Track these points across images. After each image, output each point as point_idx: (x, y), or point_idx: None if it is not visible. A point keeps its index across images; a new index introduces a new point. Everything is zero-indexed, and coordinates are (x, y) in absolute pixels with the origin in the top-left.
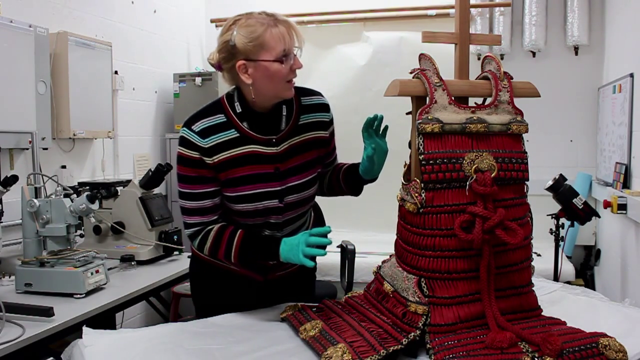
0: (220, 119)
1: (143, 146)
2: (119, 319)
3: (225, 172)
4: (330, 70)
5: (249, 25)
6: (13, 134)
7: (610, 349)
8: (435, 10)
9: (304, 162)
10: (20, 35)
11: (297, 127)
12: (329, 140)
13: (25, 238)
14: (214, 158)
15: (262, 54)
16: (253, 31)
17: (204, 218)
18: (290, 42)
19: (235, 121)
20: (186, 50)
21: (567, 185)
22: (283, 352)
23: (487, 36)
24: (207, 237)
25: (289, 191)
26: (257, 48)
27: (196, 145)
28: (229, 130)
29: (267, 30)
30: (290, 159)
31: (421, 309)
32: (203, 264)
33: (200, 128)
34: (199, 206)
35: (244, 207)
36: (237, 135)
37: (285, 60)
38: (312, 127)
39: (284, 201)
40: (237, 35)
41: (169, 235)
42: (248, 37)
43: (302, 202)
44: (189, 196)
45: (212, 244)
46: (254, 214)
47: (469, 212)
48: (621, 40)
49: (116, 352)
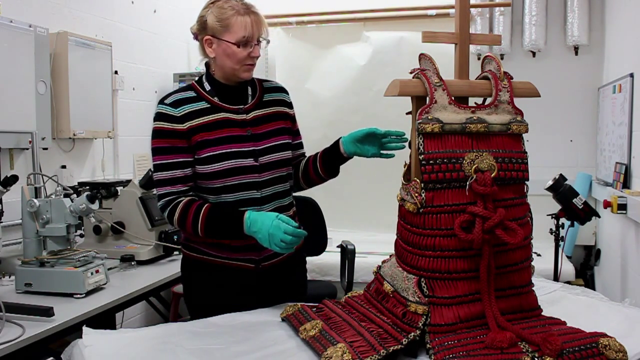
0: (190, 94)
1: (143, 146)
2: (119, 319)
3: (199, 135)
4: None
5: (222, 7)
6: (13, 134)
7: (610, 349)
8: (435, 10)
9: (274, 129)
10: (20, 35)
11: (262, 102)
12: (293, 119)
13: (25, 238)
14: (186, 124)
15: (225, 35)
16: (223, 13)
17: (173, 188)
18: (253, 31)
19: (204, 95)
20: (186, 50)
21: (567, 185)
22: (283, 352)
23: (487, 36)
24: (175, 209)
25: (264, 152)
26: (222, 29)
27: (169, 115)
28: (199, 102)
29: (234, 15)
30: (260, 125)
31: (421, 309)
32: (193, 262)
33: (172, 100)
34: (169, 176)
35: (220, 166)
36: (207, 105)
37: (243, 46)
38: (275, 103)
39: (259, 161)
40: (210, 14)
41: (169, 235)
42: (217, 17)
43: (278, 163)
44: (161, 167)
45: (180, 215)
46: (231, 172)
47: (469, 212)
48: (621, 40)
49: (116, 352)
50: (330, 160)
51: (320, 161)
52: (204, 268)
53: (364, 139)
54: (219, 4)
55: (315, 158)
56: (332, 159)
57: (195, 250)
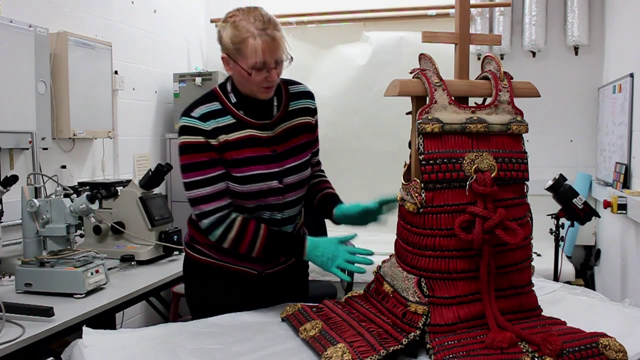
0: (216, 106)
1: (143, 146)
2: (119, 319)
3: (229, 153)
4: (330, 70)
5: (236, 27)
6: (13, 134)
7: (610, 349)
8: (435, 10)
9: (298, 144)
10: (20, 35)
11: (287, 112)
12: (314, 128)
13: (25, 238)
14: (219, 139)
15: (238, 59)
16: (237, 35)
17: (222, 202)
18: (265, 57)
19: (230, 108)
20: (186, 50)
21: (567, 185)
22: (283, 352)
23: (487, 36)
24: (231, 227)
25: (288, 172)
26: (235, 51)
27: (199, 129)
28: (225, 116)
29: (248, 39)
30: (285, 142)
31: (421, 309)
32: (197, 264)
33: (200, 114)
34: (215, 190)
35: (248, 188)
36: (233, 120)
37: (258, 70)
38: (300, 113)
39: (283, 182)
40: (225, 30)
41: (169, 235)
42: (231, 38)
43: (300, 183)
44: (203, 183)
45: (237, 234)
46: (257, 194)
47: (469, 212)
48: (621, 40)
49: (116, 352)
50: (322, 212)
51: (317, 203)
52: (207, 269)
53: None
54: (236, 20)
55: (315, 194)
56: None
57: (199, 252)
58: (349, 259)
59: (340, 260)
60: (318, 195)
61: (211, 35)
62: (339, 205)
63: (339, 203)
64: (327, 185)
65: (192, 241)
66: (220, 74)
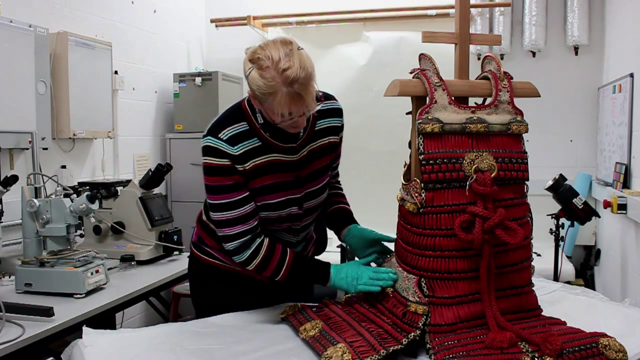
0: (244, 127)
1: (143, 146)
2: (119, 319)
3: (253, 180)
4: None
5: (263, 75)
6: (13, 134)
7: (610, 349)
8: (435, 10)
9: (320, 167)
10: (20, 35)
11: (314, 132)
12: (338, 145)
13: (25, 238)
14: (246, 165)
15: (265, 105)
16: (262, 86)
17: (247, 225)
18: (293, 109)
19: (258, 130)
20: (186, 50)
21: (567, 185)
22: (283, 352)
23: (487, 36)
24: (258, 252)
25: (308, 197)
26: (262, 99)
27: (226, 152)
28: (252, 138)
29: (276, 94)
30: (308, 165)
31: (421, 309)
32: (203, 265)
33: (228, 136)
34: (241, 214)
35: (267, 214)
36: (260, 143)
37: (283, 120)
38: (326, 133)
39: (303, 207)
40: (251, 75)
41: (169, 235)
42: (258, 87)
43: (317, 207)
44: (228, 206)
45: (262, 260)
46: (275, 221)
47: (469, 212)
48: (621, 40)
49: (116, 352)
50: (332, 225)
51: (327, 216)
52: (215, 272)
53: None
54: (263, 65)
55: (327, 207)
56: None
57: (208, 254)
58: (372, 277)
59: (365, 279)
60: (332, 207)
61: (211, 35)
62: (351, 231)
63: (352, 222)
64: (342, 200)
65: (200, 242)
66: (220, 74)
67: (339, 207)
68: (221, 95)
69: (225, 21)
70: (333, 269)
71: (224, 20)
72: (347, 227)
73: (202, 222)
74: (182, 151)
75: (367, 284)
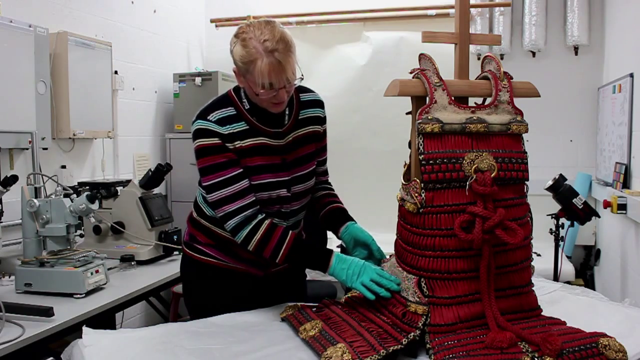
0: (231, 111)
1: (143, 146)
2: (119, 319)
3: (242, 160)
4: (330, 70)
5: (246, 45)
6: (13, 134)
7: (610, 349)
8: (435, 10)
9: (306, 154)
10: (20, 35)
11: (298, 121)
12: (322, 136)
13: (25, 238)
14: (235, 144)
15: (247, 77)
16: (245, 55)
17: (245, 200)
18: (275, 78)
19: (245, 114)
20: (186, 50)
21: (567, 185)
22: (283, 352)
23: (487, 36)
24: (257, 229)
25: (295, 181)
26: (244, 70)
27: (216, 132)
28: (239, 122)
29: (256, 61)
30: (294, 151)
31: (421, 309)
32: (196, 263)
33: (216, 118)
34: (238, 189)
35: (258, 195)
36: (247, 127)
37: (264, 91)
38: (310, 122)
39: (291, 190)
40: (236, 46)
41: (169, 235)
42: (241, 56)
43: (305, 192)
44: (224, 183)
45: (262, 238)
46: (266, 202)
47: (469, 212)
48: (621, 40)
49: (116, 352)
50: (328, 226)
51: (323, 217)
52: (207, 269)
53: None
54: (246, 37)
55: (322, 207)
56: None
57: (200, 251)
58: (375, 280)
59: (367, 278)
60: (326, 207)
61: (211, 35)
62: (348, 228)
63: (350, 220)
64: (335, 200)
65: (192, 240)
66: (220, 74)
67: (333, 207)
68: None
69: (225, 21)
70: (336, 258)
71: (224, 20)
72: (345, 225)
73: (193, 220)
74: (182, 151)
75: (365, 285)
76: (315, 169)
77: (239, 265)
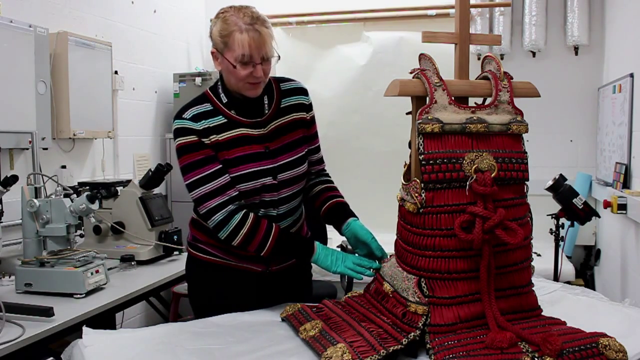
0: (207, 107)
1: (143, 146)
2: (119, 319)
3: (220, 153)
4: (330, 70)
5: (226, 21)
6: (13, 134)
7: (610, 349)
8: (435, 10)
9: (291, 141)
10: (20, 35)
11: (279, 109)
12: (310, 124)
13: (25, 238)
14: (210, 138)
15: (225, 52)
16: (225, 29)
17: (225, 195)
18: (251, 51)
19: (221, 109)
20: (186, 50)
21: (567, 185)
22: (283, 352)
23: (487, 36)
24: (242, 225)
25: (282, 168)
26: (223, 45)
27: (191, 129)
28: (216, 116)
29: (235, 32)
30: (278, 138)
31: (421, 309)
32: (200, 263)
33: (191, 115)
34: (218, 185)
35: (242, 186)
36: (225, 120)
37: (244, 65)
38: (293, 109)
39: (277, 178)
40: (215, 25)
41: (169, 235)
42: (220, 31)
43: (295, 179)
44: (204, 180)
45: (249, 231)
46: (251, 192)
47: (469, 212)
48: (621, 40)
49: (116, 352)
50: (330, 222)
51: (324, 213)
52: (210, 268)
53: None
54: (226, 15)
55: (322, 204)
56: (332, 222)
57: (202, 250)
58: (357, 262)
59: (349, 262)
60: (327, 203)
61: None
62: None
63: (352, 216)
64: (335, 193)
65: (195, 241)
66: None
67: (333, 202)
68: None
69: None
70: (319, 247)
71: None
72: (346, 221)
73: (194, 220)
74: None
75: (348, 267)
76: (309, 158)
77: (240, 263)
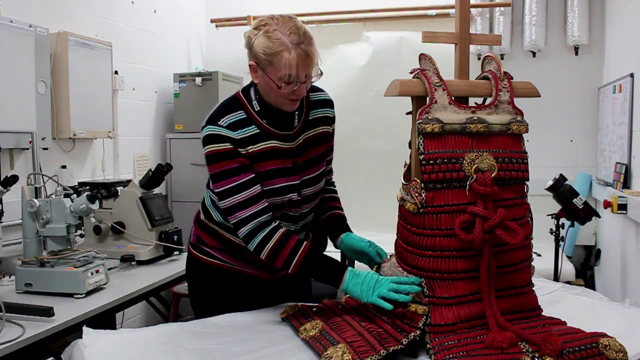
0: (241, 115)
1: (143, 146)
2: (119, 319)
3: (255, 165)
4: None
5: (270, 37)
6: (13, 134)
7: (610, 349)
8: (435, 10)
9: (316, 155)
10: (20, 35)
11: (307, 122)
12: (331, 136)
13: (25, 238)
14: (247, 149)
15: (268, 70)
16: (270, 47)
17: (258, 206)
18: (298, 72)
19: (255, 117)
20: (186, 50)
21: (567, 185)
22: (283, 352)
23: (487, 36)
24: (271, 237)
25: (305, 184)
26: (267, 62)
27: (228, 137)
28: (250, 126)
29: (283, 52)
30: (304, 153)
31: (421, 309)
32: (202, 265)
33: (227, 123)
34: (251, 194)
35: (270, 201)
36: (258, 131)
37: (287, 84)
38: (320, 122)
39: (301, 194)
40: (257, 39)
41: (169, 235)
42: (264, 48)
43: (315, 194)
44: (238, 188)
45: (275, 246)
46: (276, 207)
47: (469, 212)
48: (621, 40)
49: (116, 352)
50: (326, 232)
51: (322, 223)
52: (214, 271)
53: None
54: (269, 29)
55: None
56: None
57: (207, 253)
58: (393, 289)
59: (384, 289)
60: (326, 213)
61: (211, 35)
62: (343, 241)
63: (346, 230)
64: (336, 205)
65: (199, 242)
66: (220, 74)
67: (333, 213)
68: (221, 95)
69: (225, 21)
70: (349, 273)
71: (224, 20)
72: (340, 237)
73: (201, 221)
74: (182, 151)
75: (382, 296)
76: (325, 171)
77: (247, 268)
